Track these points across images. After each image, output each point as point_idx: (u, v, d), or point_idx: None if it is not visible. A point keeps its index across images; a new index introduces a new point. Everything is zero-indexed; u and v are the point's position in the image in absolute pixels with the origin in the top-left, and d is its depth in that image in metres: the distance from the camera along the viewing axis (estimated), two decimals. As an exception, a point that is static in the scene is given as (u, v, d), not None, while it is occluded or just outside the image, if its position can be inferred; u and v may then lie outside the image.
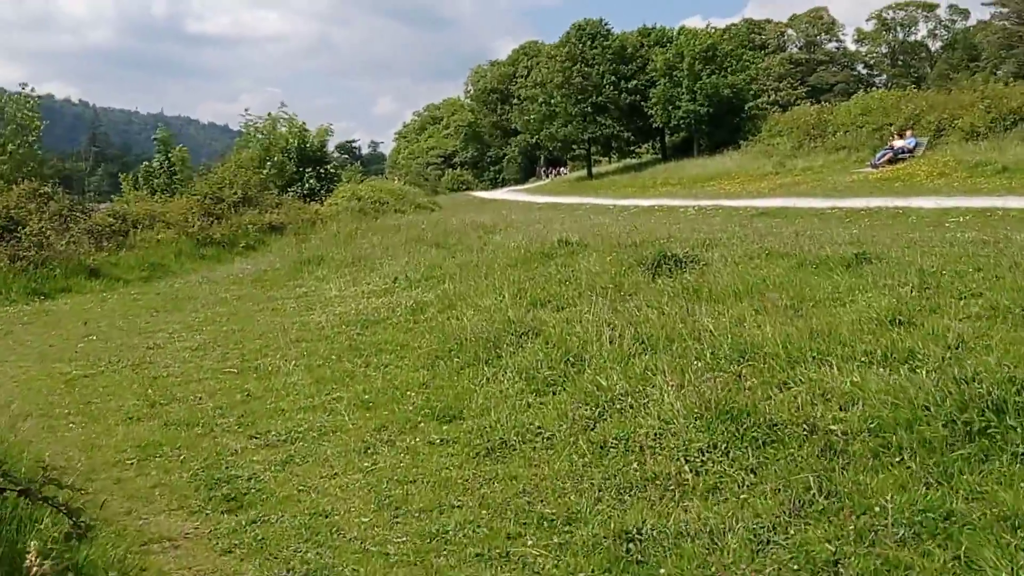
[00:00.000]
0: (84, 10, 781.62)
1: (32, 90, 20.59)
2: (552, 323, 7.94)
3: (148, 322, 11.81)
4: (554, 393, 6.37)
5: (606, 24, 52.91)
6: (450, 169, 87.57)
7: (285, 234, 23.00)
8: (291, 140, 32.73)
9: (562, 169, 77.54)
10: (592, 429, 5.53)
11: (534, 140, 61.57)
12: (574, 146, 54.06)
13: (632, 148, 56.12)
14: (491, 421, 5.93)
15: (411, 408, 6.61)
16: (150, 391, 7.76)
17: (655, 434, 5.22)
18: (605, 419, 5.63)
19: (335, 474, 5.45)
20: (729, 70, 44.22)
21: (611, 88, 49.43)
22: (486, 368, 7.25)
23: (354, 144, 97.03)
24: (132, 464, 5.86)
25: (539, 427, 5.69)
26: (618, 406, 5.75)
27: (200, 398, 7.51)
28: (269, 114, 29.74)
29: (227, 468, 5.65)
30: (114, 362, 9.21)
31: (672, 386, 5.72)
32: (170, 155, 26.25)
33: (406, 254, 14.80)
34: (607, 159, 62.57)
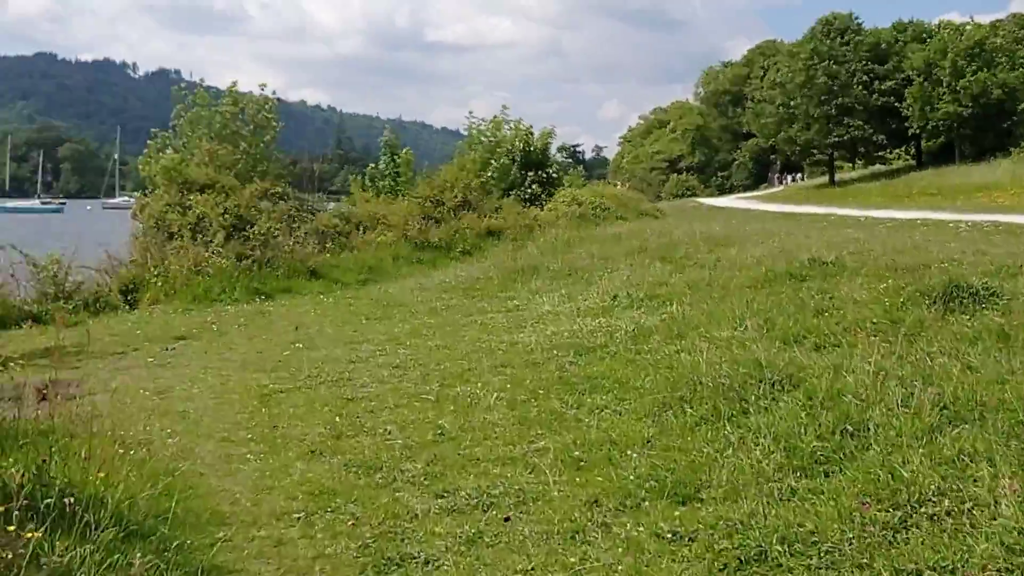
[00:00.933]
0: (336, 22, 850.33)
1: (273, 93, 21.62)
2: (814, 370, 6.26)
3: (356, 331, 11.29)
4: (827, 475, 4.75)
5: (857, 19, 48.54)
6: (675, 174, 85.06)
7: (503, 239, 22.39)
8: (516, 144, 32.39)
9: (797, 176, 73.07)
10: (893, 544, 3.88)
11: (768, 144, 57.97)
12: (814, 150, 50.10)
13: (881, 153, 51.22)
14: (741, 513, 4.42)
15: (632, 476, 5.22)
16: (338, 419, 6.94)
17: (997, 568, 3.51)
18: (911, 530, 3.96)
19: (531, 568, 4.18)
20: (999, 68, 38.91)
21: (860, 88, 45.21)
22: (728, 427, 5.73)
23: (577, 148, 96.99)
24: (299, 519, 4.93)
25: (811, 531, 4.11)
26: (928, 511, 4.05)
27: (389, 431, 6.57)
28: (494, 117, 29.59)
29: (403, 541, 4.56)
30: (313, 376, 8.60)
31: (1013, 492, 3.95)
32: (396, 157, 26.64)
33: (627, 267, 13.45)
34: (851, 165, 57.71)
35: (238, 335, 11.38)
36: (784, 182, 73.08)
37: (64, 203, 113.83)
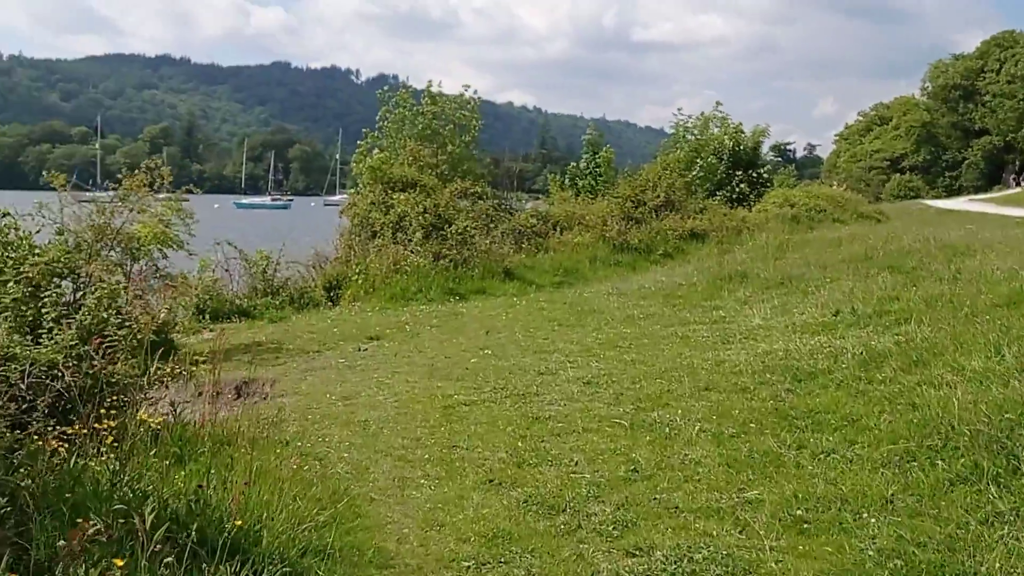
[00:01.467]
0: (544, 25, 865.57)
1: (475, 93, 21.67)
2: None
3: (547, 338, 10.70)
4: None
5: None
6: (896, 174, 78.62)
7: (707, 242, 21.14)
8: (725, 142, 30.78)
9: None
10: None
11: (1005, 142, 52.03)
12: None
13: None
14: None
15: (871, 552, 4.19)
16: (521, 443, 6.33)
17: None
18: None
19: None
20: None
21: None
22: (995, 491, 4.54)
23: (788, 147, 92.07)
24: (468, 568, 4.33)
25: None
26: None
27: (576, 462, 5.86)
28: (702, 113, 28.15)
29: (584, 613, 3.83)
30: (499, 388, 8.07)
31: None
32: (596, 156, 25.95)
33: (850, 277, 11.95)
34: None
35: (429, 337, 11.14)
36: (1021, 183, 65.90)
37: (291, 200, 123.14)
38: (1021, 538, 4.08)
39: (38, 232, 9.74)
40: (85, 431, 4.50)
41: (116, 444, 4.56)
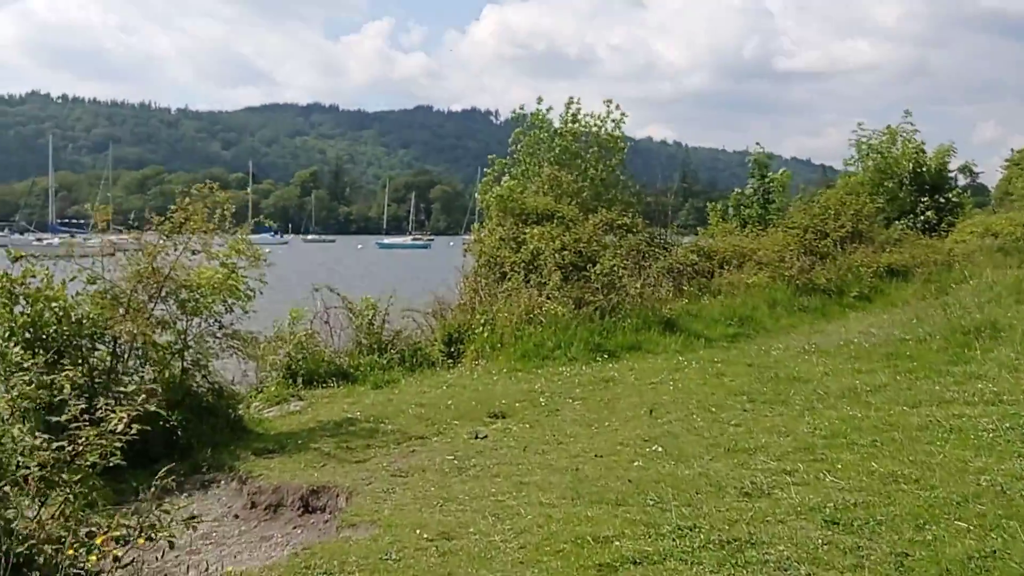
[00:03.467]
0: (682, 58, 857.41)
1: (618, 109, 18.58)
2: None
3: (739, 424, 7.54)
4: None
5: None
6: None
7: (910, 281, 17.27)
8: (904, 163, 26.44)
9: None
10: None
11: None
12: None
13: None
14: None
15: None
16: None
17: None
18: None
19: None
20: None
21: None
22: None
23: (977, 169, 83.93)
24: None
25: None
26: None
27: None
28: (888, 127, 23.97)
29: None
30: (686, 528, 5.03)
31: None
32: (767, 180, 22.20)
33: None
34: None
35: (572, 417, 8.19)
36: None
37: (432, 239, 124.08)
38: None
39: (72, 280, 7.53)
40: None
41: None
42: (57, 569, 4.14)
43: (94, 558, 4.21)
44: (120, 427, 4.89)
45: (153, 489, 5.23)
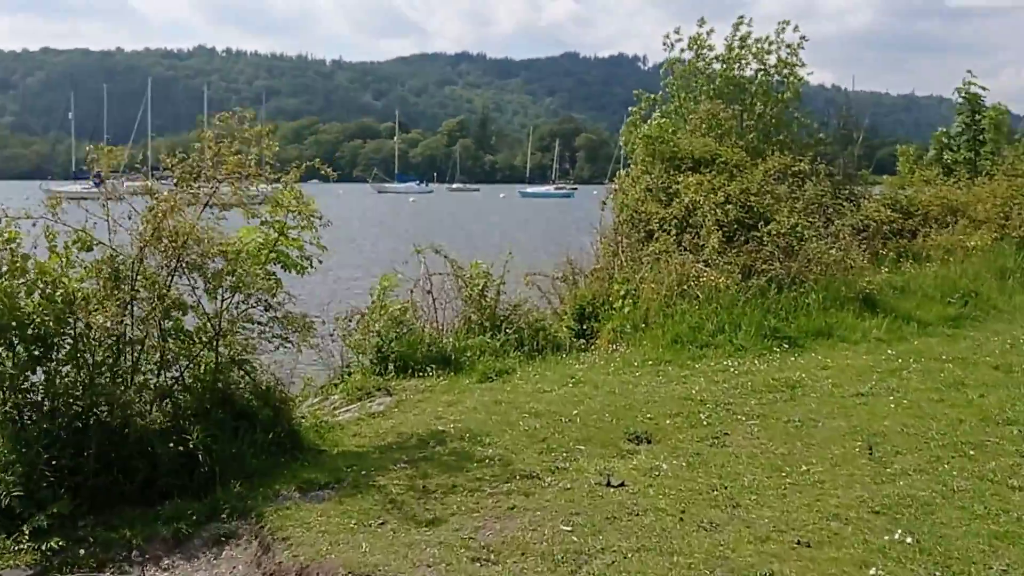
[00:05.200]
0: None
1: (797, 31, 15.03)
2: None
3: (1016, 467, 4.81)
4: None
5: None
6: None
7: None
8: None
9: None
10: None
11: None
12: None
13: None
14: None
15: None
16: None
17: None
18: None
19: None
20: None
21: None
22: None
23: None
24: None
25: None
26: None
27: None
28: None
29: None
30: None
31: None
32: (979, 118, 18.02)
33: None
34: None
35: (748, 449, 5.66)
36: None
37: (576, 188, 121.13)
38: None
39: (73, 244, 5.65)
40: None
41: None
42: None
43: None
44: None
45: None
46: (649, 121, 13.71)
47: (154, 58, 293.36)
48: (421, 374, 8.39)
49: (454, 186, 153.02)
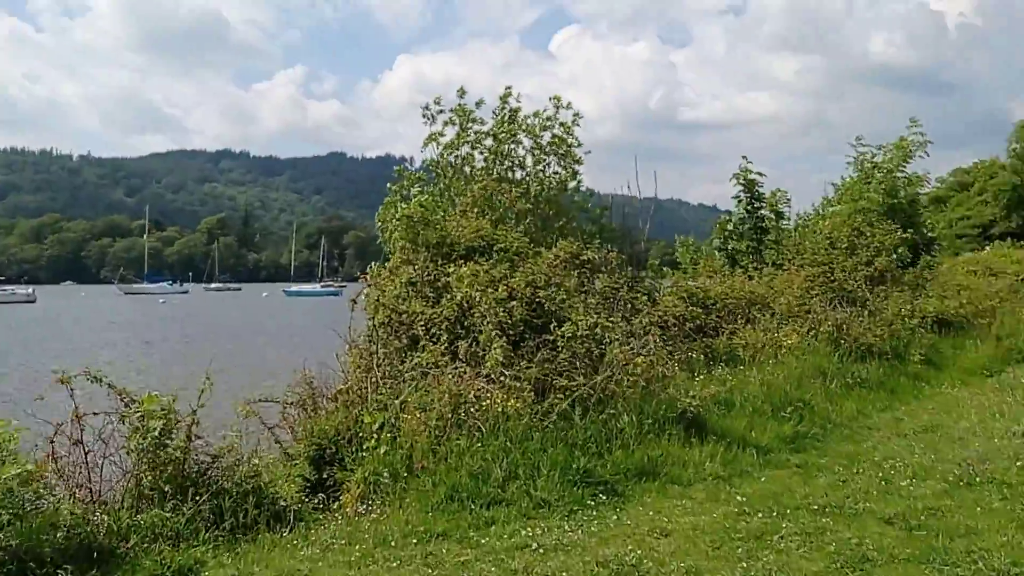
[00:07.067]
0: (594, 110, 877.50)
1: (568, 106, 13.32)
2: None
3: None
4: None
5: None
6: (987, 242, 69.70)
7: (967, 335, 12.83)
8: (872, 195, 22.07)
9: None
10: None
11: None
12: None
13: None
14: None
15: None
16: None
17: None
18: None
19: None
20: None
21: None
22: None
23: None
24: None
25: None
26: None
27: None
28: (901, 139, 19.37)
29: None
30: None
31: None
32: (758, 204, 17.04)
33: None
34: None
35: None
36: None
37: (344, 286, 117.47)
38: None
39: None
40: None
41: None
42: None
43: None
44: None
45: None
46: (412, 197, 11.26)
47: None
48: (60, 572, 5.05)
49: (212, 285, 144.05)
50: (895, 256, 15.09)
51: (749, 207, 16.92)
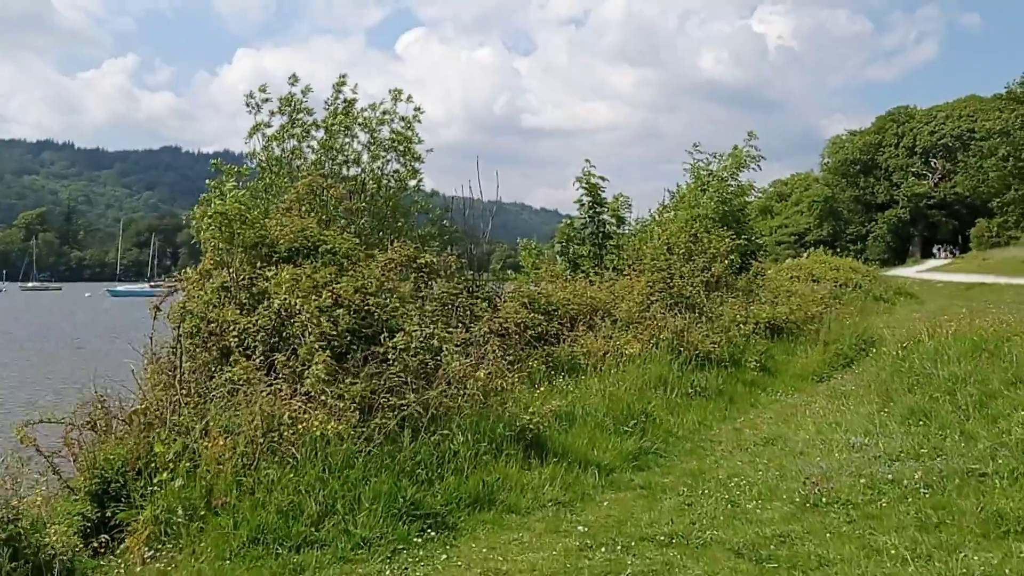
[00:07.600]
0: (440, 113, 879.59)
1: (411, 101, 12.57)
2: None
3: None
4: None
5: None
6: (803, 249, 75.47)
7: (799, 341, 13.14)
8: (705, 201, 22.56)
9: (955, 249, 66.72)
10: None
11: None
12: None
13: None
14: None
15: None
16: None
17: None
18: None
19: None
20: None
21: None
22: None
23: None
24: None
25: None
26: None
27: None
28: (735, 148, 19.78)
29: None
30: None
31: None
32: (600, 209, 16.75)
33: None
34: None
35: None
36: (953, 254, 65.92)
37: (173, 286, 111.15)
38: None
39: None
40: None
41: None
42: None
43: None
44: None
45: None
46: (227, 193, 10.17)
47: None
48: None
49: (30, 284, 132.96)
50: (729, 261, 15.33)
51: (591, 211, 16.83)
